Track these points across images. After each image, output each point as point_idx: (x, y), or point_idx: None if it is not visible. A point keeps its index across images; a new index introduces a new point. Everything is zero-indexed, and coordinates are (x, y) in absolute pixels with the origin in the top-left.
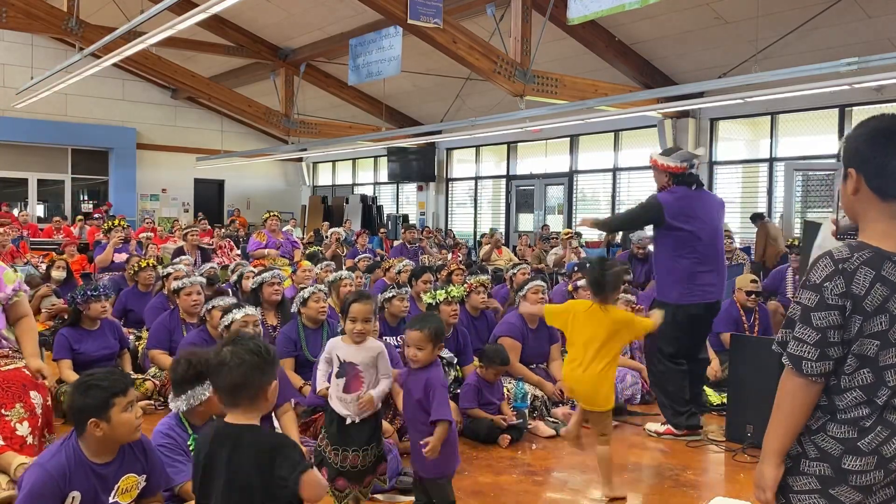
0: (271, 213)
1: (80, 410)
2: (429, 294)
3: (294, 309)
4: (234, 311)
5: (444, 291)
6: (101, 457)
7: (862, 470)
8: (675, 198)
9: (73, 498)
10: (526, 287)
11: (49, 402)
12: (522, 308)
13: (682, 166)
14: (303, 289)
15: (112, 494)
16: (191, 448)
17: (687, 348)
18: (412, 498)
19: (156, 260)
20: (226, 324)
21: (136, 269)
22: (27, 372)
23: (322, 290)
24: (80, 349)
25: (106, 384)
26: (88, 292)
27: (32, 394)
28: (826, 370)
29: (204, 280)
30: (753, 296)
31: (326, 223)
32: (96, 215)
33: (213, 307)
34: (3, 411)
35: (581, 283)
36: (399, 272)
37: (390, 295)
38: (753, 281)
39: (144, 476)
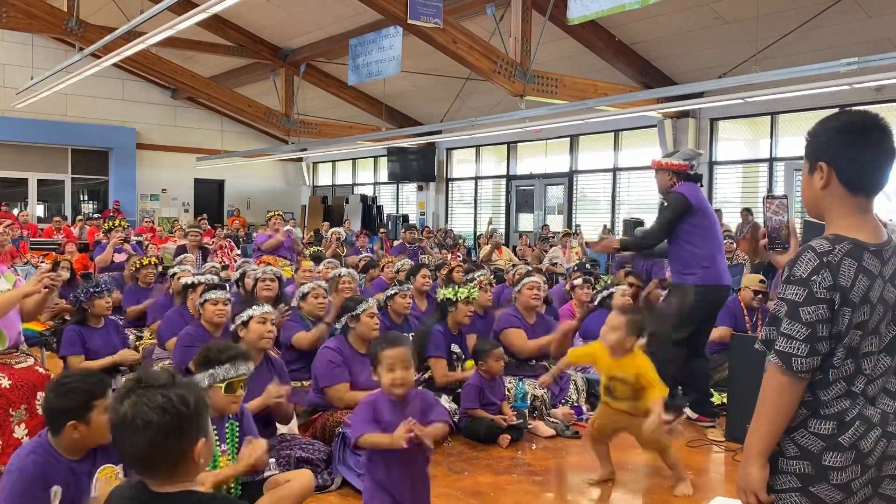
0: (275, 213)
1: (58, 412)
2: (450, 289)
3: (294, 303)
4: (250, 308)
5: (465, 290)
6: (75, 454)
7: (842, 466)
8: (689, 189)
9: (55, 493)
10: (521, 283)
11: None
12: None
13: (685, 164)
14: (303, 285)
15: (92, 488)
16: None
17: (699, 331)
18: None
19: (156, 259)
20: (243, 320)
21: (137, 266)
22: (41, 370)
23: (322, 286)
24: (89, 346)
25: (86, 387)
26: (91, 289)
27: (40, 395)
28: (815, 366)
29: (214, 278)
30: (759, 296)
31: (326, 223)
32: (96, 215)
33: (206, 300)
34: (11, 411)
35: (577, 282)
36: (397, 271)
37: (392, 292)
38: (762, 281)
39: (121, 465)
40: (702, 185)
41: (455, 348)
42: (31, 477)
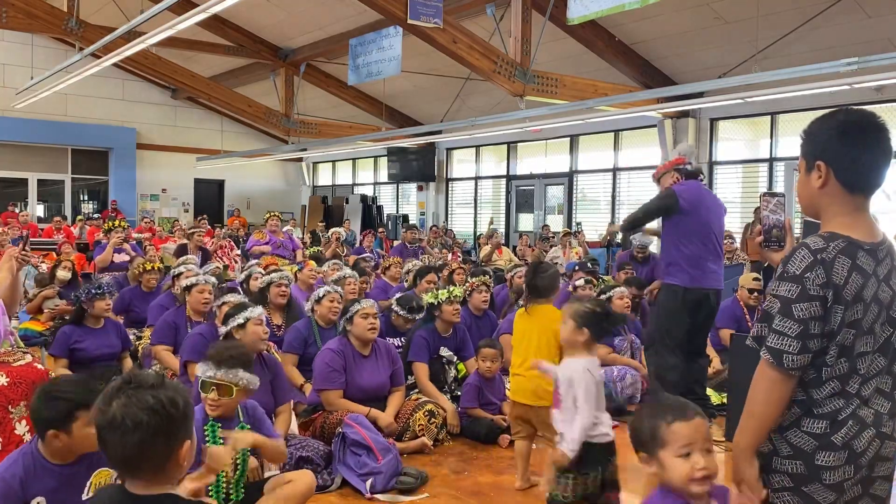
0: (272, 214)
1: (40, 420)
2: (430, 294)
3: (308, 307)
4: (245, 310)
5: (446, 291)
6: (62, 460)
7: (834, 465)
8: (687, 188)
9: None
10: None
11: None
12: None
13: (682, 157)
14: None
15: (85, 491)
16: (206, 432)
17: (692, 334)
18: (412, 497)
19: (160, 265)
20: (239, 322)
21: (141, 270)
22: (39, 367)
23: (338, 290)
24: (81, 347)
25: (70, 395)
26: (93, 290)
27: None
28: (805, 363)
29: (215, 280)
30: (756, 293)
31: (322, 223)
32: (96, 215)
33: (224, 303)
34: (10, 408)
35: (579, 282)
36: (408, 272)
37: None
38: (756, 279)
39: None
40: (702, 180)
41: (445, 352)
42: (7, 483)
